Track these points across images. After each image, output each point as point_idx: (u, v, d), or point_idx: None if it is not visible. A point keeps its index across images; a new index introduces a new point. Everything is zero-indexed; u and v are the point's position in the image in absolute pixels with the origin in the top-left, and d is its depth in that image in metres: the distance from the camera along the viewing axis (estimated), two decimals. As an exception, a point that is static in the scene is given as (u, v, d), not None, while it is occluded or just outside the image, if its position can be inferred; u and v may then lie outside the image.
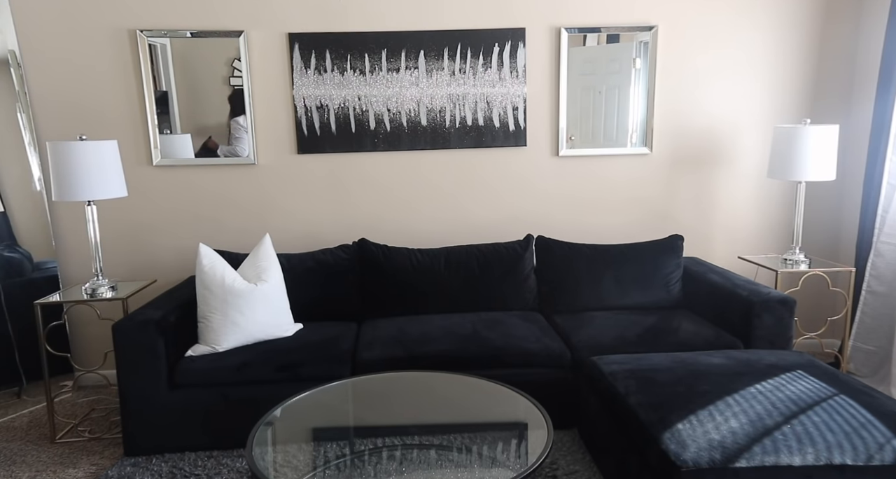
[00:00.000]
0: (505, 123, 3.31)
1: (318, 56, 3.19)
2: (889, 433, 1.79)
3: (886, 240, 3.07)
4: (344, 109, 3.24)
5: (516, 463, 1.94)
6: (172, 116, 3.19)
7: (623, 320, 2.89)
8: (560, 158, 3.39)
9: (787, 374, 2.15)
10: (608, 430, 2.27)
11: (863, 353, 3.23)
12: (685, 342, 2.66)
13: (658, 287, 3.11)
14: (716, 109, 3.39)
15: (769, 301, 2.67)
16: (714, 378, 2.12)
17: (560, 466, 2.47)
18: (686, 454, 1.74)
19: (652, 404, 2.00)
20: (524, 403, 2.19)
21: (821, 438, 1.77)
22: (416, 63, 3.23)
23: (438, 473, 1.89)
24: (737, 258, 3.49)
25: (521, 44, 3.24)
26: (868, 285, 3.16)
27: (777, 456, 1.72)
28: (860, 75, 3.34)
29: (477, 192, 3.41)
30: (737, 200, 3.49)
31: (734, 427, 1.82)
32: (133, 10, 3.10)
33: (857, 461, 1.72)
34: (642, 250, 3.17)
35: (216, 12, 3.14)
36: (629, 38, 3.28)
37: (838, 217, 3.50)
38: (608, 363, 2.36)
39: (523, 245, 3.19)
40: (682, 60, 3.33)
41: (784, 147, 3.03)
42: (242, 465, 2.49)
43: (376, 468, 1.92)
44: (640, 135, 3.37)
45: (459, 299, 3.08)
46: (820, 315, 3.47)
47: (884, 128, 3.04)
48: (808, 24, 3.32)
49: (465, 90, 3.27)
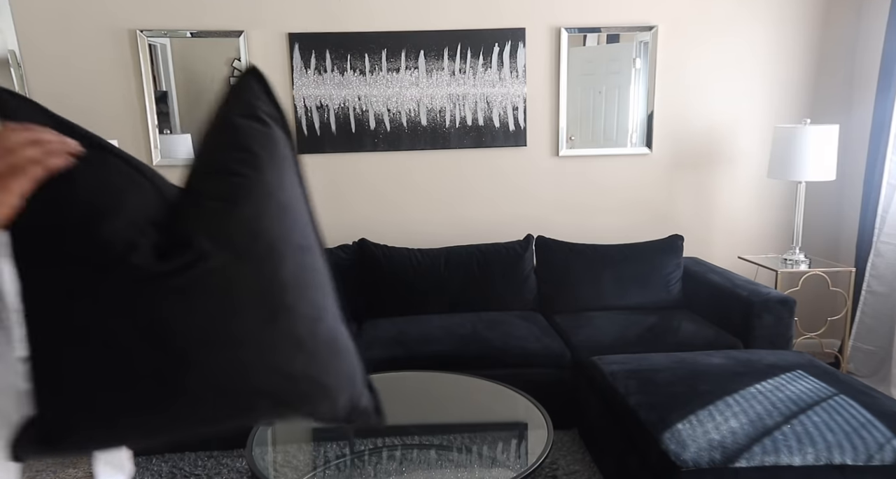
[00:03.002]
0: (505, 123, 3.31)
1: (318, 56, 3.19)
2: (889, 432, 1.79)
3: (886, 240, 3.06)
4: (344, 109, 3.24)
5: (516, 463, 1.94)
6: (172, 115, 3.19)
7: (623, 321, 2.89)
8: (560, 159, 3.39)
9: (787, 374, 2.15)
10: (608, 430, 2.27)
11: (863, 353, 3.22)
12: (685, 342, 2.66)
13: (658, 287, 3.11)
14: (716, 108, 3.39)
15: (769, 301, 2.67)
16: (714, 378, 2.12)
17: (560, 466, 2.47)
18: (686, 454, 1.74)
19: (652, 404, 2.00)
20: (524, 403, 2.19)
21: (821, 438, 1.77)
22: (416, 63, 3.23)
23: (438, 473, 1.89)
24: (737, 258, 3.49)
25: (521, 44, 3.24)
26: (868, 285, 3.16)
27: (777, 456, 1.72)
28: (860, 75, 3.34)
29: (477, 192, 3.41)
30: (737, 200, 3.49)
31: (734, 427, 1.82)
32: (133, 10, 3.10)
33: (857, 461, 1.72)
34: (642, 250, 3.17)
35: (216, 12, 3.13)
36: (629, 38, 3.28)
37: (838, 217, 3.50)
38: (608, 363, 2.36)
39: (523, 245, 3.19)
40: (681, 60, 3.33)
41: (784, 147, 3.03)
42: (242, 465, 2.49)
43: (376, 468, 1.92)
44: (640, 135, 3.37)
45: (459, 300, 3.07)
46: (820, 315, 3.46)
47: (884, 128, 3.04)
48: (807, 24, 3.32)
49: (465, 90, 3.26)
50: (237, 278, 0.66)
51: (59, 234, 0.65)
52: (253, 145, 0.72)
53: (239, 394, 0.67)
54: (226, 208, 0.67)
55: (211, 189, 0.68)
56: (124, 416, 0.67)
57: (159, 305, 0.64)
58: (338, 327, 0.77)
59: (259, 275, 0.67)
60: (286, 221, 0.71)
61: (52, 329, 0.66)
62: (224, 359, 0.65)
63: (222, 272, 0.65)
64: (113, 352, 0.64)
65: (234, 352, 0.66)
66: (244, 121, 0.74)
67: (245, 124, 0.73)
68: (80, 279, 0.64)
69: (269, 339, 0.67)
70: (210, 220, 0.66)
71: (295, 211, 0.73)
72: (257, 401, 0.68)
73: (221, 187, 0.68)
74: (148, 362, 0.64)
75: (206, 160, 0.72)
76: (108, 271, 0.63)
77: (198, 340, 0.64)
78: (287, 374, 0.68)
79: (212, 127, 0.75)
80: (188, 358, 0.64)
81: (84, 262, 0.64)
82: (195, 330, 0.64)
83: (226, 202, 0.68)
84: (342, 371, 0.75)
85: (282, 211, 0.71)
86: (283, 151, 0.75)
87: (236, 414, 0.69)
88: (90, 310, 0.64)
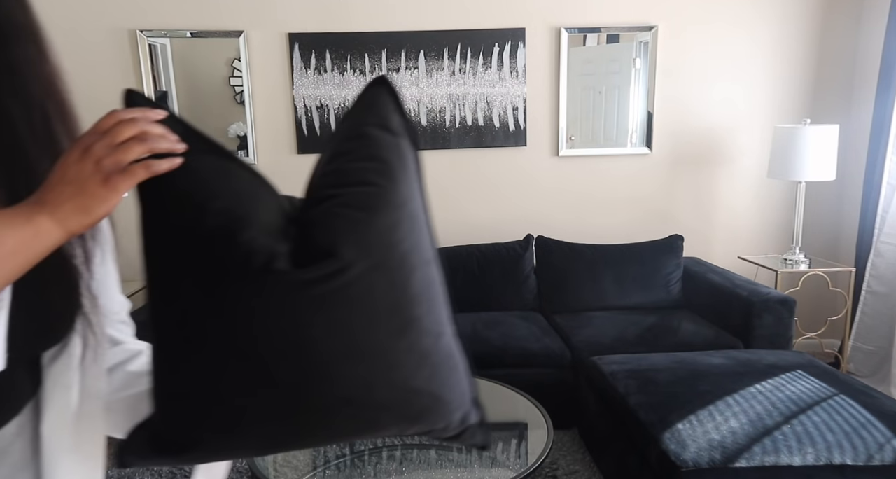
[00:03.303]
0: (505, 123, 3.31)
1: (318, 56, 3.19)
2: (889, 432, 1.79)
3: (886, 240, 3.06)
4: (344, 109, 3.24)
5: (516, 463, 1.94)
6: (172, 116, 3.19)
7: (623, 321, 2.89)
8: (560, 158, 3.39)
9: (786, 374, 2.15)
10: (608, 430, 2.27)
11: (863, 353, 3.23)
12: (685, 342, 2.66)
13: (658, 287, 3.11)
14: (716, 108, 3.39)
15: (769, 301, 2.67)
16: (714, 378, 2.12)
17: (560, 466, 2.47)
18: (686, 454, 1.74)
19: (652, 404, 2.00)
20: (524, 403, 2.19)
21: (821, 438, 1.77)
22: (416, 63, 3.23)
23: (438, 473, 1.89)
24: (737, 258, 3.49)
25: (521, 44, 3.24)
26: (868, 285, 3.16)
27: (777, 456, 1.72)
28: (860, 75, 3.34)
29: (477, 192, 3.41)
30: (737, 200, 3.49)
31: (734, 427, 1.82)
32: (133, 10, 3.10)
33: (857, 461, 1.72)
34: (642, 250, 3.17)
35: (216, 12, 3.13)
36: (629, 38, 3.28)
37: (838, 217, 3.50)
38: (608, 363, 2.36)
39: (523, 245, 3.19)
40: (682, 60, 3.33)
41: (784, 147, 3.03)
42: (242, 465, 2.49)
43: (376, 468, 1.92)
44: (640, 135, 3.37)
45: (459, 299, 3.05)
46: (820, 315, 3.46)
47: (884, 128, 3.04)
48: (808, 24, 3.32)
49: (465, 90, 3.26)
50: (375, 289, 0.65)
51: (198, 240, 0.63)
52: (386, 156, 0.72)
53: (365, 408, 0.66)
54: (366, 218, 0.66)
55: (348, 198, 0.67)
56: (254, 427, 0.66)
57: (302, 314, 0.63)
58: (454, 341, 0.77)
59: (392, 287, 0.66)
60: (416, 232, 0.71)
61: (183, 337, 0.65)
62: (355, 372, 0.65)
63: (363, 283, 0.64)
64: (250, 362, 0.63)
65: (364, 365, 0.65)
66: (378, 132, 0.73)
67: (378, 135, 0.73)
68: (220, 287, 0.63)
69: (397, 353, 0.67)
70: (351, 229, 0.65)
71: (422, 223, 0.73)
72: (380, 415, 0.67)
73: (358, 196, 0.67)
74: (285, 373, 0.63)
75: (339, 169, 0.71)
76: (252, 280, 0.62)
77: (335, 352, 0.64)
78: (410, 388, 0.68)
79: (344, 137, 0.74)
80: (325, 370, 0.64)
81: (224, 269, 0.63)
82: (334, 341, 0.64)
83: (364, 211, 0.66)
84: (459, 386, 0.75)
85: (413, 222, 0.71)
86: (412, 163, 0.75)
87: (359, 429, 0.68)
88: (229, 318, 0.63)
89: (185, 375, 0.66)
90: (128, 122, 0.64)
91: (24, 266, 0.57)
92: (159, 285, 0.67)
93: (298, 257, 0.64)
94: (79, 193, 0.59)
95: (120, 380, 0.82)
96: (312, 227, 0.66)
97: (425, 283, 0.72)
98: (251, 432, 0.67)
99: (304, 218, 0.68)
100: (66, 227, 0.59)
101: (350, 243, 0.65)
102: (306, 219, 0.68)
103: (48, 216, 0.58)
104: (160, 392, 0.69)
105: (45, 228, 0.58)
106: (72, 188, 0.59)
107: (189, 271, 0.64)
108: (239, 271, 0.62)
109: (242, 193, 0.67)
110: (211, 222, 0.63)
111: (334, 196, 0.68)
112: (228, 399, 0.65)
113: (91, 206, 0.59)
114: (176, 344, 0.66)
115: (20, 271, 0.57)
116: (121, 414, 0.79)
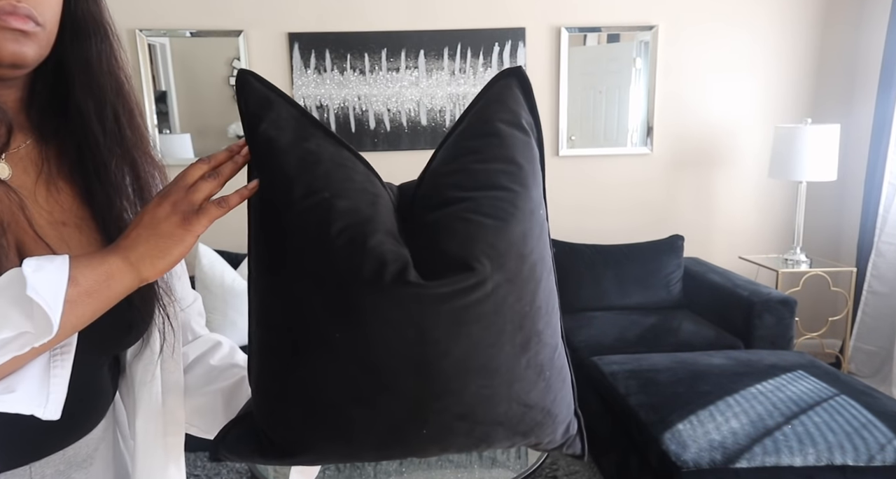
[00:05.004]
0: (505, 122, 3.31)
1: (318, 56, 3.18)
2: (890, 433, 1.79)
3: (888, 240, 3.06)
4: (344, 109, 3.24)
5: (516, 463, 1.93)
6: (172, 115, 3.19)
7: (623, 321, 2.89)
8: (560, 158, 3.39)
9: (787, 374, 2.15)
10: (608, 430, 2.27)
11: (864, 353, 3.22)
12: (686, 343, 2.65)
13: (658, 287, 3.11)
14: (716, 108, 3.38)
15: (770, 301, 2.67)
16: (714, 379, 2.12)
17: (560, 466, 2.47)
18: (686, 455, 1.73)
19: (652, 404, 2.00)
20: (524, 403, 2.18)
21: (822, 438, 1.77)
22: (416, 63, 3.22)
23: (438, 473, 1.89)
24: (737, 258, 3.49)
25: (521, 43, 3.23)
26: (869, 285, 3.15)
27: (778, 457, 1.72)
28: (861, 75, 3.33)
29: (477, 192, 3.40)
30: (737, 200, 3.48)
31: (735, 428, 1.82)
32: (132, 9, 3.10)
33: (859, 462, 1.71)
34: (643, 250, 3.16)
35: (216, 12, 3.13)
36: (629, 37, 3.28)
37: (839, 217, 3.49)
38: (608, 364, 2.35)
39: (523, 245, 3.18)
40: (682, 60, 3.32)
41: (785, 147, 3.02)
42: (242, 465, 2.48)
43: (376, 468, 1.92)
44: (640, 135, 3.37)
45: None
46: (821, 315, 3.46)
47: (885, 127, 3.03)
48: (808, 24, 3.32)
49: (465, 90, 3.26)
50: (506, 303, 0.62)
51: (324, 244, 0.60)
52: (518, 157, 0.67)
53: (482, 423, 0.64)
54: (500, 227, 0.62)
55: (479, 203, 0.63)
56: (368, 437, 0.64)
57: (434, 328, 0.59)
58: (566, 351, 0.75)
59: (520, 301, 0.63)
60: (543, 241, 0.67)
61: (301, 343, 0.62)
62: (477, 387, 0.62)
63: (496, 298, 0.61)
64: (373, 373, 0.61)
65: (487, 380, 0.62)
66: (509, 129, 0.68)
67: (510, 133, 0.67)
68: (349, 296, 0.60)
69: (518, 367, 0.64)
70: (485, 238, 0.61)
71: (546, 230, 0.69)
72: (495, 431, 0.65)
73: (491, 202, 0.63)
74: (408, 386, 0.61)
75: (466, 169, 0.66)
76: (386, 292, 0.59)
77: (460, 366, 0.61)
78: (525, 403, 0.65)
79: (472, 133, 0.69)
80: (448, 385, 0.61)
81: (355, 277, 0.59)
82: (461, 356, 0.61)
83: (498, 219, 0.62)
84: (566, 399, 0.72)
85: (541, 230, 0.67)
86: (539, 164, 0.70)
87: (471, 443, 0.66)
88: (356, 328, 0.60)
89: (299, 381, 0.63)
90: (196, 164, 0.64)
91: (97, 310, 0.57)
92: (275, 289, 0.64)
93: (423, 264, 0.60)
94: (154, 235, 0.59)
95: (202, 374, 0.82)
96: (437, 232, 0.62)
97: (547, 294, 0.69)
98: (363, 441, 0.64)
99: (424, 219, 0.64)
100: (140, 270, 0.59)
101: (486, 256, 0.60)
102: (428, 221, 0.63)
103: (121, 259, 0.58)
104: (268, 396, 0.66)
105: (116, 268, 0.57)
106: (147, 231, 0.59)
107: (312, 274, 0.61)
108: (372, 282, 0.59)
109: (365, 189, 0.63)
110: (339, 225, 0.60)
111: (463, 200, 0.63)
112: (345, 408, 0.62)
113: (167, 247, 0.59)
114: (292, 349, 0.63)
115: (93, 315, 0.57)
116: (206, 410, 0.79)
